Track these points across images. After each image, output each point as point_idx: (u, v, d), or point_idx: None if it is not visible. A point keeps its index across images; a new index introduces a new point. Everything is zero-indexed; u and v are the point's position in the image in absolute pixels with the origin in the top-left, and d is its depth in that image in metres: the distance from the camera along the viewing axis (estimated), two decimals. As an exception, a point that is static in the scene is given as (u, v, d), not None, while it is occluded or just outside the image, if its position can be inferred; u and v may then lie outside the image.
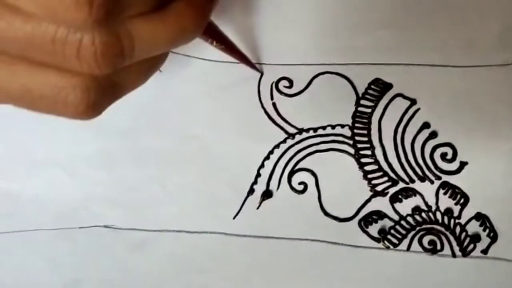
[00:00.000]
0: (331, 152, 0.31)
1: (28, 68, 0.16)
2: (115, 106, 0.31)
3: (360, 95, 0.31)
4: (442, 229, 0.30)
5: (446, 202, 0.30)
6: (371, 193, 0.31)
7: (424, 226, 0.30)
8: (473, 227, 0.30)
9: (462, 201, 0.30)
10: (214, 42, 0.26)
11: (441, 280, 0.30)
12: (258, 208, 0.31)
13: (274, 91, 0.32)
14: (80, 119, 0.17)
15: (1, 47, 0.15)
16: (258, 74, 0.32)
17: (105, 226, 0.32)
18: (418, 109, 0.31)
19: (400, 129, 0.31)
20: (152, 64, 0.19)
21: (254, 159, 0.31)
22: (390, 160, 0.31)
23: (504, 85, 0.30)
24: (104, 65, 0.15)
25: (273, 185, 0.31)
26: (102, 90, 0.17)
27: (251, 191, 0.31)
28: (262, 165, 0.31)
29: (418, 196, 0.30)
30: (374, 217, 0.30)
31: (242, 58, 0.30)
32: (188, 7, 0.18)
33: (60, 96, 0.16)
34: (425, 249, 0.30)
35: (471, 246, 0.30)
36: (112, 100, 0.18)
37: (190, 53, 0.32)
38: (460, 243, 0.30)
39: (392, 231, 0.30)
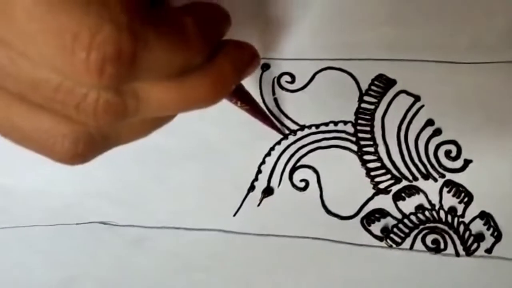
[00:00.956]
0: (333, 149, 0.31)
1: (23, 107, 0.15)
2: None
3: (363, 91, 0.31)
4: (446, 228, 0.30)
5: (449, 200, 0.30)
6: (373, 191, 0.30)
7: (427, 225, 0.30)
8: (477, 226, 0.30)
9: (466, 199, 0.30)
10: (239, 102, 0.25)
11: (445, 279, 0.29)
12: (258, 205, 0.30)
13: (276, 86, 0.31)
14: (62, 164, 0.16)
15: (1, 82, 0.15)
16: (259, 70, 0.31)
17: (103, 223, 0.31)
18: (422, 106, 0.30)
19: (403, 126, 0.30)
20: (156, 123, 0.18)
21: (255, 155, 0.31)
22: (394, 157, 0.30)
23: (510, 82, 0.30)
24: (102, 120, 0.15)
25: (274, 182, 0.31)
26: (92, 142, 0.16)
27: (251, 188, 0.31)
28: (263, 162, 0.31)
29: (421, 194, 0.30)
30: (376, 215, 0.30)
31: (266, 119, 0.29)
32: (207, 81, 0.17)
33: (48, 143, 0.16)
34: (429, 248, 0.30)
35: (475, 245, 0.29)
36: (101, 152, 0.17)
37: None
38: (463, 242, 0.30)
39: (395, 230, 0.30)
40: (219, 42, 0.19)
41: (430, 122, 0.30)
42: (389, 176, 0.30)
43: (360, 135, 0.31)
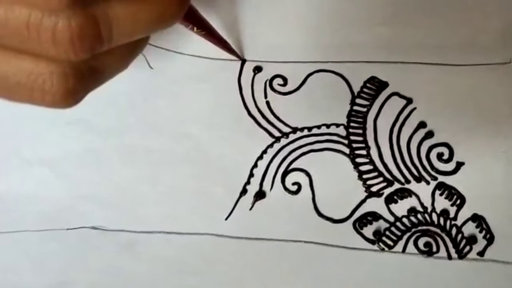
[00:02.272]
0: (325, 151, 0.30)
1: (3, 54, 0.15)
2: (104, 104, 0.31)
3: (356, 93, 0.31)
4: (438, 230, 0.30)
5: (442, 203, 0.30)
6: (366, 194, 0.30)
7: (419, 228, 0.30)
8: (470, 228, 0.30)
9: (458, 202, 0.30)
10: (195, 28, 0.26)
11: (437, 282, 0.29)
12: (251, 209, 0.30)
13: (268, 89, 0.31)
14: (59, 108, 0.16)
15: None
16: (251, 73, 0.31)
17: (93, 227, 0.31)
18: (414, 108, 0.30)
19: (396, 129, 0.30)
20: (133, 48, 0.18)
21: (247, 158, 0.30)
22: (386, 160, 0.30)
23: (503, 84, 0.30)
24: (81, 49, 0.15)
25: (266, 186, 0.30)
26: (81, 76, 0.16)
27: (243, 191, 0.30)
28: (255, 165, 0.30)
29: (413, 197, 0.30)
30: (369, 218, 0.30)
31: (223, 44, 0.29)
32: None
33: (37, 83, 0.15)
34: (421, 251, 0.29)
35: (467, 248, 0.29)
36: (92, 87, 0.17)
37: (182, 51, 0.31)
38: (456, 245, 0.29)
39: (387, 233, 0.30)
40: None
41: (422, 125, 0.30)
42: (381, 179, 0.30)
43: (352, 137, 0.30)
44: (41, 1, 0.13)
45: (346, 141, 0.30)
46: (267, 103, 0.31)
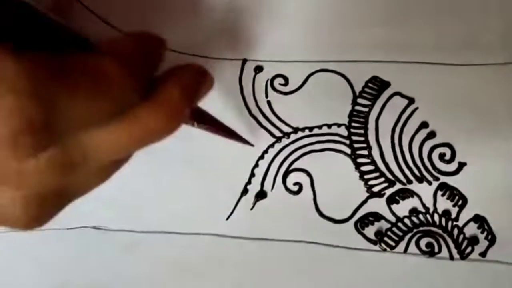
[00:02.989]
0: (327, 152, 0.30)
1: None
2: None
3: (357, 93, 0.30)
4: (440, 231, 0.30)
5: (444, 203, 0.30)
6: (367, 194, 0.30)
7: (421, 228, 0.30)
8: (471, 229, 0.29)
9: (460, 202, 0.30)
10: (196, 123, 0.23)
11: (439, 283, 0.29)
12: (251, 209, 0.30)
13: (269, 88, 0.31)
14: (24, 230, 0.16)
15: None
16: (252, 72, 0.31)
17: (94, 227, 0.31)
18: (416, 108, 0.30)
19: (397, 129, 0.30)
20: (115, 165, 0.17)
21: (248, 158, 0.30)
22: (387, 160, 0.30)
23: (505, 84, 0.30)
24: (49, 180, 0.14)
25: (267, 186, 0.30)
26: (45, 203, 0.15)
27: (244, 191, 0.30)
28: (256, 165, 0.30)
29: (415, 198, 0.30)
30: (370, 218, 0.30)
31: (230, 135, 0.28)
32: (158, 112, 0.16)
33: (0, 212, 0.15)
34: (423, 252, 0.29)
35: (469, 248, 0.29)
36: (58, 210, 0.16)
37: (182, 50, 0.31)
38: (458, 245, 0.29)
39: (389, 233, 0.30)
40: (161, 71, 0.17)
41: (424, 125, 0.30)
42: (383, 179, 0.30)
43: (353, 137, 0.30)
44: (2, 154, 0.13)
45: (347, 141, 0.30)
46: (268, 102, 0.31)
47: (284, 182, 0.30)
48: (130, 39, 0.17)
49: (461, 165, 0.30)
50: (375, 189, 0.30)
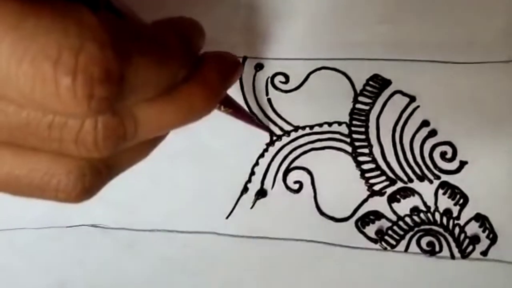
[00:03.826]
0: (327, 150, 0.30)
1: (16, 153, 0.14)
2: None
3: (358, 91, 0.30)
4: (441, 230, 0.29)
5: (445, 202, 0.30)
6: (368, 193, 0.30)
7: (422, 227, 0.29)
8: (473, 228, 0.29)
9: (461, 201, 0.29)
10: (222, 107, 0.25)
11: (440, 282, 0.29)
12: (252, 207, 0.30)
13: (270, 86, 0.31)
14: (71, 203, 0.16)
15: None
16: (253, 70, 0.31)
17: (93, 226, 0.30)
18: (418, 107, 0.30)
19: (398, 127, 0.30)
20: (153, 142, 0.18)
21: (248, 156, 0.30)
22: (388, 158, 0.30)
23: (506, 82, 0.29)
24: (104, 149, 0.14)
25: (267, 184, 0.30)
26: (97, 174, 0.15)
27: (244, 189, 0.30)
28: (256, 163, 0.30)
29: (416, 196, 0.30)
30: (371, 217, 0.30)
31: (251, 120, 0.29)
32: (198, 90, 0.17)
33: (51, 184, 0.15)
34: (424, 251, 0.29)
35: (470, 247, 0.29)
36: (106, 182, 0.17)
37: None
38: (459, 244, 0.29)
39: (390, 232, 0.29)
40: (199, 55, 0.19)
41: (425, 123, 0.30)
42: (383, 177, 0.30)
43: (354, 136, 0.30)
44: (66, 111, 0.13)
45: (348, 140, 0.30)
46: (269, 100, 0.31)
47: (284, 180, 0.30)
48: (181, 19, 0.18)
49: (463, 163, 0.30)
50: (376, 187, 0.30)
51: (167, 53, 0.15)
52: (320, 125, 0.30)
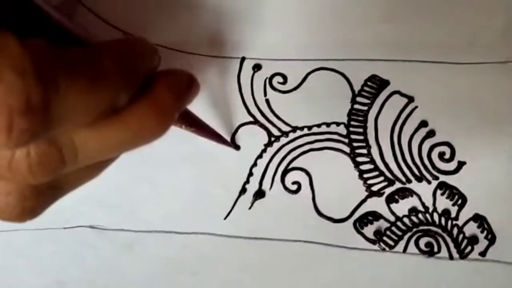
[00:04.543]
0: (325, 150, 0.30)
1: None
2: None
3: (356, 92, 0.30)
4: (439, 230, 0.29)
5: (443, 203, 0.30)
6: (366, 193, 0.30)
7: (421, 228, 0.29)
8: (471, 228, 0.29)
9: (459, 202, 0.29)
10: (183, 126, 0.24)
11: (438, 283, 0.29)
12: (250, 208, 0.30)
13: (268, 87, 0.31)
14: (15, 223, 0.16)
15: None
16: (251, 71, 0.31)
17: (91, 227, 0.30)
18: (416, 107, 0.30)
19: (397, 128, 0.30)
20: (102, 164, 0.17)
21: (247, 157, 0.30)
22: (387, 159, 0.30)
23: (505, 83, 0.29)
24: (40, 176, 0.14)
25: (265, 185, 0.30)
26: (39, 197, 0.15)
27: (243, 190, 0.30)
28: (254, 164, 0.30)
29: (415, 197, 0.30)
30: (369, 218, 0.30)
31: (216, 138, 0.28)
32: (148, 110, 0.16)
33: None
34: (422, 251, 0.29)
35: (469, 248, 0.29)
36: (51, 202, 0.16)
37: (180, 48, 0.31)
38: (457, 245, 0.29)
39: (388, 233, 0.29)
40: (151, 74, 0.17)
41: (423, 124, 0.30)
42: (382, 178, 0.30)
43: (352, 136, 0.30)
44: None
45: (346, 140, 0.30)
46: (267, 101, 0.31)
47: (282, 181, 0.30)
48: (122, 41, 0.17)
49: (461, 164, 0.29)
50: (374, 188, 0.30)
51: (100, 78, 0.14)
52: (318, 125, 0.30)
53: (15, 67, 0.12)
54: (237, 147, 0.30)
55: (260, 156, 0.30)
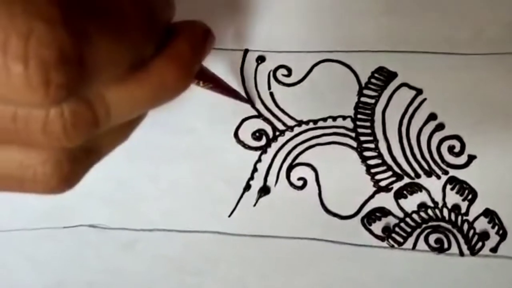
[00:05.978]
0: (332, 145, 0.29)
1: None
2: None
3: (363, 84, 0.29)
4: (449, 226, 0.29)
5: (453, 198, 0.29)
6: (374, 189, 0.29)
7: (430, 224, 0.29)
8: (482, 224, 0.29)
9: (470, 197, 0.29)
10: (201, 83, 0.23)
11: (449, 280, 0.28)
12: (255, 205, 0.29)
13: (272, 80, 0.30)
14: (53, 194, 0.15)
15: None
16: (254, 63, 0.30)
17: (91, 226, 0.30)
18: (424, 100, 0.29)
19: (405, 121, 0.29)
20: (133, 123, 0.17)
21: (251, 153, 0.29)
22: (395, 153, 0.29)
23: (515, 74, 0.29)
24: (75, 137, 0.13)
25: (270, 181, 0.29)
26: (75, 161, 0.14)
27: (247, 187, 0.29)
28: (259, 160, 0.29)
29: (424, 192, 0.29)
30: (377, 214, 0.29)
31: (232, 94, 0.28)
32: (170, 65, 0.16)
33: (27, 175, 0.14)
34: (432, 248, 0.28)
35: (480, 244, 0.28)
36: (88, 168, 0.16)
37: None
38: (468, 241, 0.28)
39: (397, 229, 0.29)
40: (168, 27, 0.17)
41: (432, 116, 0.29)
42: (390, 173, 0.29)
43: (360, 130, 0.29)
44: (23, 101, 0.12)
45: (353, 134, 0.29)
46: (271, 94, 0.30)
47: (288, 177, 0.29)
48: None
49: (471, 158, 0.29)
50: (382, 183, 0.29)
51: (128, 28, 0.14)
52: (324, 119, 0.29)
53: (44, 16, 0.11)
54: (252, 103, 0.29)
55: (264, 151, 0.29)
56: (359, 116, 0.29)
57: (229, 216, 0.29)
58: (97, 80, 0.13)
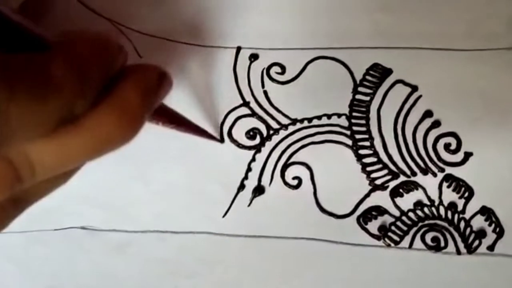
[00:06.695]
0: (327, 143, 0.29)
1: None
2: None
3: (358, 81, 0.29)
4: (446, 224, 0.28)
5: (449, 196, 0.28)
6: (370, 187, 0.29)
7: (426, 222, 0.28)
8: (478, 222, 0.28)
9: (466, 194, 0.28)
10: (161, 123, 0.22)
11: (446, 279, 0.28)
12: (249, 205, 0.29)
13: (265, 78, 0.29)
14: None
15: None
16: (247, 61, 0.29)
17: (83, 228, 0.29)
18: (420, 97, 0.29)
19: (400, 118, 0.29)
20: (68, 173, 0.16)
21: (245, 152, 0.29)
22: (390, 151, 0.29)
23: (510, 70, 0.28)
24: None
25: (265, 180, 0.29)
26: (1, 211, 0.15)
27: (241, 187, 0.29)
28: (253, 159, 0.29)
29: (420, 190, 0.29)
30: (373, 213, 0.28)
31: (199, 133, 0.26)
32: (111, 114, 0.15)
33: None
34: (428, 246, 0.28)
35: (477, 242, 0.28)
36: (17, 215, 0.16)
37: (174, 38, 0.29)
38: (465, 239, 0.28)
39: (393, 228, 0.28)
40: (116, 73, 0.16)
41: (428, 114, 0.29)
42: (386, 171, 0.29)
43: (355, 128, 0.29)
44: None
45: (348, 132, 0.29)
46: (265, 92, 0.29)
47: (282, 176, 0.29)
48: (86, 39, 0.15)
49: (467, 155, 0.28)
50: (378, 181, 0.29)
51: (48, 86, 0.13)
52: (319, 117, 0.29)
53: None
54: (222, 140, 0.29)
55: (258, 151, 0.29)
56: (354, 114, 0.29)
57: (223, 216, 0.29)
58: (20, 138, 0.13)
